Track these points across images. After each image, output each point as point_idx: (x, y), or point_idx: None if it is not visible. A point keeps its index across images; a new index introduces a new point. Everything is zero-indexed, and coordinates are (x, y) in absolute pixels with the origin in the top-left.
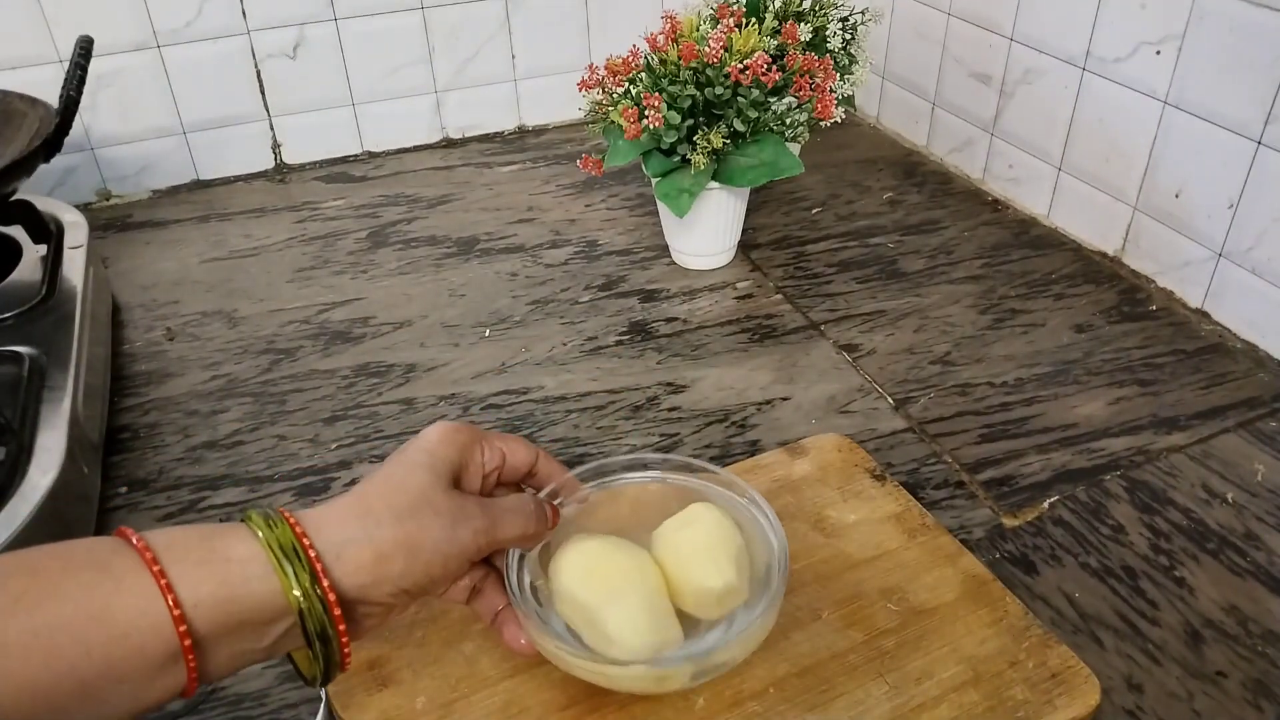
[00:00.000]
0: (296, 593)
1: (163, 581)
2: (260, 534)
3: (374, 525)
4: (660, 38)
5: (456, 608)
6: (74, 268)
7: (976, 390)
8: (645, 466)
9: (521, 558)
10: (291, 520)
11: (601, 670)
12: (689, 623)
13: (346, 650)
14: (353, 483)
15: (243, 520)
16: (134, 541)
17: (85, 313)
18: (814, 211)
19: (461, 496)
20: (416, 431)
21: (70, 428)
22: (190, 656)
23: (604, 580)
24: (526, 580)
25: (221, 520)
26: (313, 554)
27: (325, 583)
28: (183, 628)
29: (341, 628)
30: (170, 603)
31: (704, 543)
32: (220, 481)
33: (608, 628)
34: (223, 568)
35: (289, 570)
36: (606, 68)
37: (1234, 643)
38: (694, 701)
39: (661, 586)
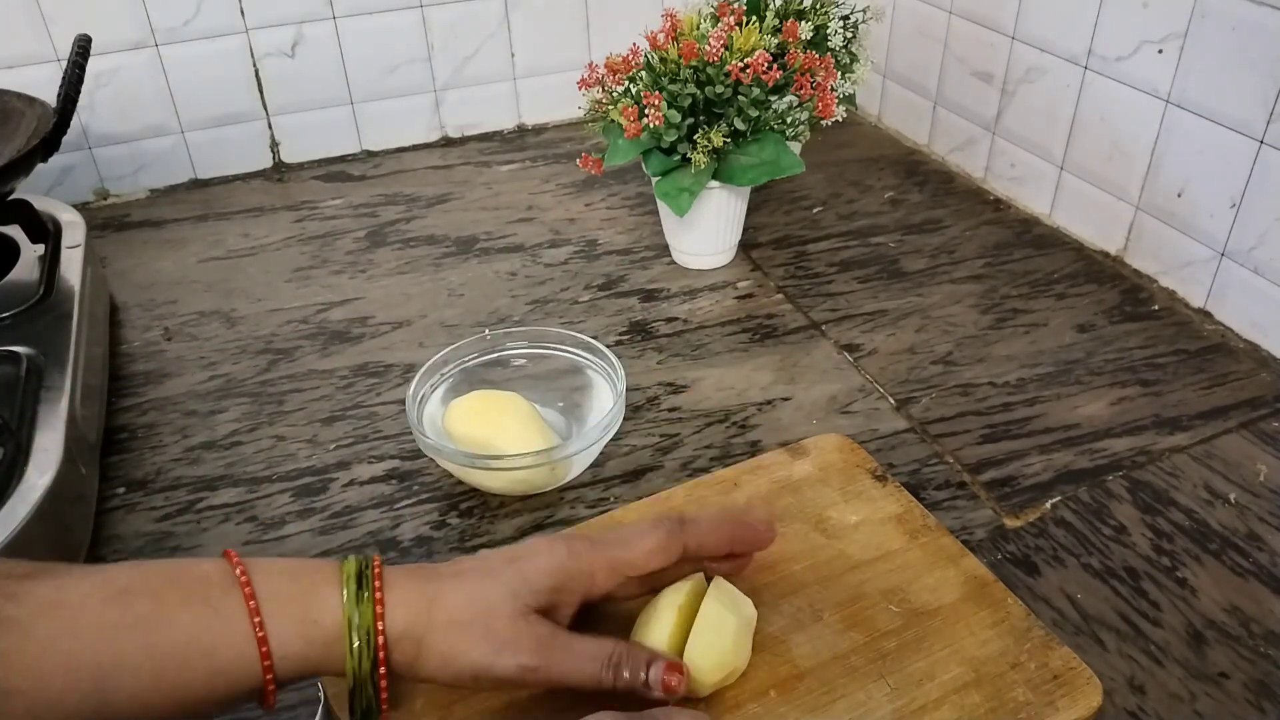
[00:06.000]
0: (354, 668)
1: (260, 634)
2: (345, 608)
3: (428, 626)
4: (660, 36)
5: None
6: (72, 267)
7: (978, 390)
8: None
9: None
10: (379, 597)
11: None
12: None
13: (384, 707)
14: (350, 484)
15: (342, 565)
16: (243, 587)
17: (83, 312)
18: (815, 211)
19: (527, 625)
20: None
21: (68, 428)
22: (272, 689)
23: (486, 414)
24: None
25: (221, 522)
26: (381, 640)
27: (382, 670)
28: (270, 675)
29: (384, 698)
30: (265, 654)
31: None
32: (218, 482)
33: (498, 442)
34: (312, 629)
35: (357, 655)
36: (606, 66)
37: (1236, 644)
38: (694, 705)
39: (533, 412)
